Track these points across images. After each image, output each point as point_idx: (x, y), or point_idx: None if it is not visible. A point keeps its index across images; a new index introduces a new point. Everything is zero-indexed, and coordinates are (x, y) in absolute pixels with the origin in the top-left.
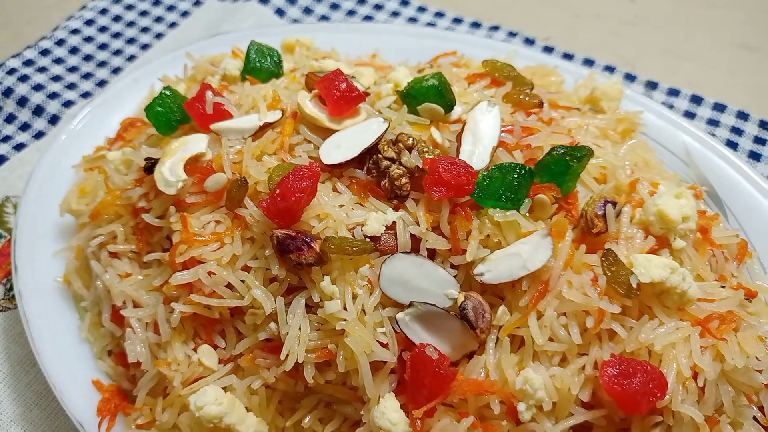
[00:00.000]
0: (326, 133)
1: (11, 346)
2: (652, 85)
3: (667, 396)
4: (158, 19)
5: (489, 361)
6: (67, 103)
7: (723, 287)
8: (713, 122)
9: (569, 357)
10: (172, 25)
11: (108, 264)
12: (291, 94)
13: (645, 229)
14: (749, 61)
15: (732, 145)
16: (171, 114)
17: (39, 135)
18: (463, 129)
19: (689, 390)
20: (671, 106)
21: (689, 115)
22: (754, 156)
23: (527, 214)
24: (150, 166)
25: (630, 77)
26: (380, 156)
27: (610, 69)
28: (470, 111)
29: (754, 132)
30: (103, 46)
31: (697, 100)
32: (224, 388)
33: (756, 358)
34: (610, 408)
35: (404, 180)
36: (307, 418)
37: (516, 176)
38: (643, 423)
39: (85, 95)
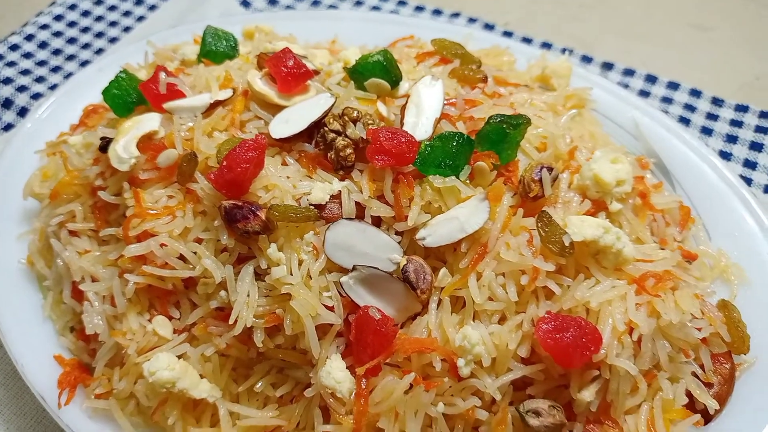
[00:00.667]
0: (276, 109)
1: None
2: (608, 66)
3: (603, 350)
4: (126, 13)
5: (431, 321)
6: (36, 96)
7: (662, 249)
8: (667, 100)
9: (508, 315)
10: (140, 18)
11: (68, 242)
12: (243, 74)
13: (582, 194)
14: (702, 40)
15: (685, 121)
16: (127, 96)
17: (8, 127)
18: (406, 102)
19: (624, 345)
20: (626, 86)
21: (644, 93)
22: (707, 131)
23: (467, 181)
24: (104, 144)
25: (587, 59)
26: (326, 129)
27: (567, 51)
28: (414, 85)
29: (707, 109)
30: (71, 41)
31: (651, 79)
32: (179, 357)
33: (692, 314)
34: (548, 363)
35: (349, 151)
36: (260, 383)
37: (455, 144)
38: (581, 377)
39: (54, 87)
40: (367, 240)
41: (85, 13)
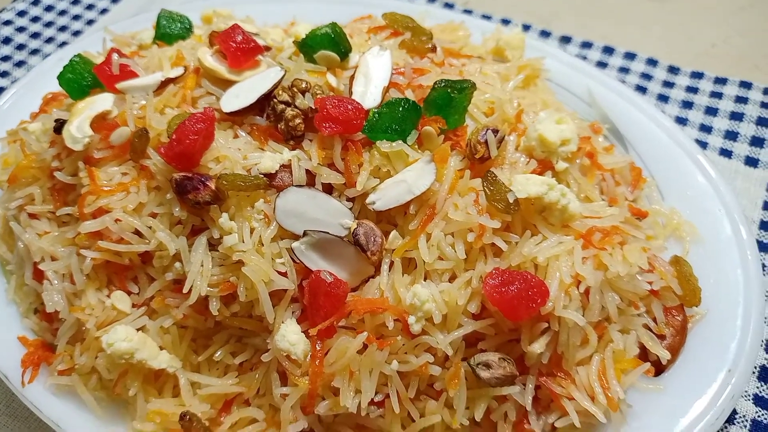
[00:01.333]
0: (227, 85)
1: None
2: (565, 40)
3: (550, 303)
4: (89, 7)
5: (383, 282)
6: (0, 90)
7: (611, 207)
8: (624, 70)
9: (458, 274)
10: (103, 11)
11: (27, 225)
12: (195, 53)
13: (529, 155)
14: (659, 12)
15: (642, 89)
16: (82, 79)
17: None
18: (355, 72)
19: (572, 297)
20: (584, 58)
21: (601, 65)
22: (663, 98)
23: (416, 146)
24: (59, 126)
25: (545, 33)
26: (276, 101)
27: (526, 27)
28: (362, 55)
29: (663, 77)
30: (35, 35)
31: (608, 50)
32: (138, 330)
33: (640, 268)
34: (498, 318)
35: (298, 121)
36: (219, 352)
37: (401, 109)
38: (531, 331)
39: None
40: (318, 206)
41: (48, 8)
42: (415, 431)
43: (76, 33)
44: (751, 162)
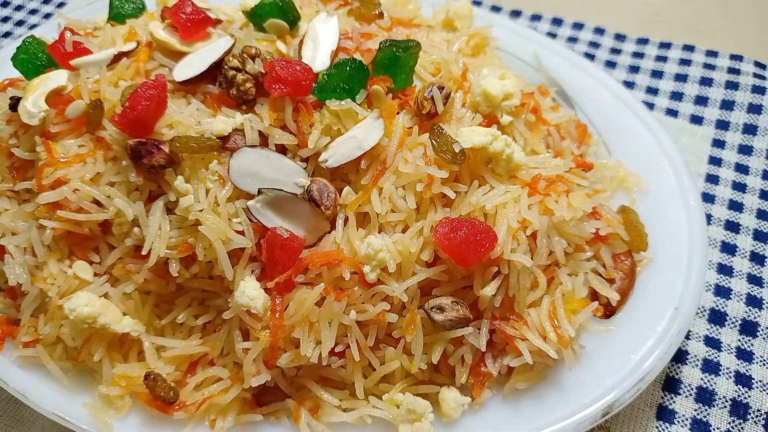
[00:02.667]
0: (179, 56)
1: None
2: (516, 14)
3: (498, 247)
4: (46, 1)
5: (338, 236)
6: None
7: (556, 159)
8: (572, 39)
9: (410, 224)
10: (60, 5)
11: None
12: (147, 29)
13: (474, 110)
14: None
15: (590, 57)
16: (36, 59)
17: None
18: (303, 38)
19: (520, 241)
20: (534, 30)
21: (551, 36)
22: (610, 64)
23: (366, 105)
24: (14, 103)
25: (496, 9)
26: (227, 67)
27: (476, 3)
28: (310, 22)
29: (610, 44)
30: None
31: (557, 21)
32: (101, 297)
33: (585, 212)
34: (450, 265)
35: (249, 85)
36: (182, 315)
37: (348, 69)
38: (482, 275)
39: None
40: (272, 166)
41: (5, 4)
42: (376, 379)
43: (33, 26)
44: (696, 120)
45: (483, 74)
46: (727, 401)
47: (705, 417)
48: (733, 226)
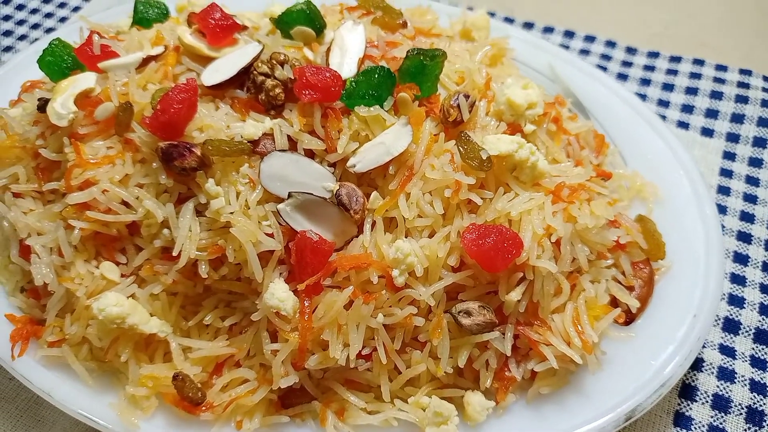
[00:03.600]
0: (207, 61)
1: None
2: (528, 26)
3: (524, 254)
4: (62, 5)
5: (366, 240)
6: None
7: (577, 167)
8: (584, 52)
9: (436, 229)
10: (76, 9)
11: (12, 203)
12: (174, 34)
13: (498, 118)
14: None
15: (602, 69)
16: (62, 62)
17: None
18: (330, 45)
19: (545, 247)
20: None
21: (563, 47)
22: (622, 77)
23: (392, 112)
24: (42, 104)
25: (509, 20)
26: (256, 72)
27: (490, 15)
28: (337, 30)
29: (622, 57)
30: (7, 33)
31: (569, 34)
32: (129, 298)
33: (607, 220)
34: (476, 270)
35: (278, 90)
36: (209, 317)
37: (377, 76)
38: (508, 281)
39: None
40: (301, 170)
41: (20, 7)
42: (401, 382)
43: (49, 30)
44: (707, 132)
45: (507, 83)
46: (742, 408)
47: (721, 424)
48: (745, 237)
